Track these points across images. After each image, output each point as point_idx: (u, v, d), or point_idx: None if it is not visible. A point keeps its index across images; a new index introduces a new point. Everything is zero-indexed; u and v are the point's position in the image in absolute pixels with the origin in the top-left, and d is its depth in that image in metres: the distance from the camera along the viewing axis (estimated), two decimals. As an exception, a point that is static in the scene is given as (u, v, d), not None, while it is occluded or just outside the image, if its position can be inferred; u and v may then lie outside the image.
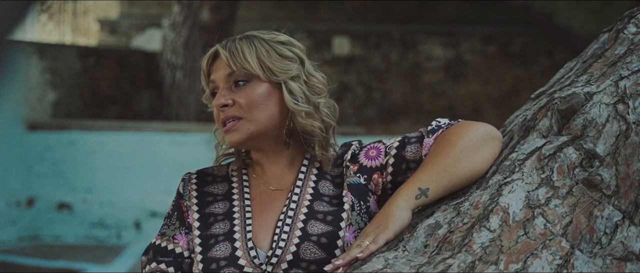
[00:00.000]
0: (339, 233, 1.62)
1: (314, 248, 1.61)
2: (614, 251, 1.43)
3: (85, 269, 5.68)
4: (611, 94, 1.58)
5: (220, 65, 1.72)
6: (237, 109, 1.68)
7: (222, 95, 1.69)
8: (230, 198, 1.74)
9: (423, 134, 1.69)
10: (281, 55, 1.71)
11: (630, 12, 1.76)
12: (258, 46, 1.70)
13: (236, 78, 1.69)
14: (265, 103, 1.69)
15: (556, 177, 1.50)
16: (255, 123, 1.68)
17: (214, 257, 1.64)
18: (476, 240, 1.40)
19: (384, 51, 10.14)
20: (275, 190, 1.73)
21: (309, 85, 1.72)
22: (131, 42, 10.16)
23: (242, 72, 1.68)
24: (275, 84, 1.69)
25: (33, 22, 8.47)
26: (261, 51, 1.70)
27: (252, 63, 1.68)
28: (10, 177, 6.48)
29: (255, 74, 1.68)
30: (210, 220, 1.71)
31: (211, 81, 1.73)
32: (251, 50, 1.70)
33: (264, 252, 1.64)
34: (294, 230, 1.64)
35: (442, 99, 10.21)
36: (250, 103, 1.67)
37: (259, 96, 1.68)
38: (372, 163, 1.71)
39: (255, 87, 1.69)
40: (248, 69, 1.68)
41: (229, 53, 1.70)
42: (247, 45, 1.70)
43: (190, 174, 1.81)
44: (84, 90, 7.68)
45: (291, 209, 1.68)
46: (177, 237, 1.73)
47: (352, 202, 1.67)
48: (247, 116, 1.68)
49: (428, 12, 10.27)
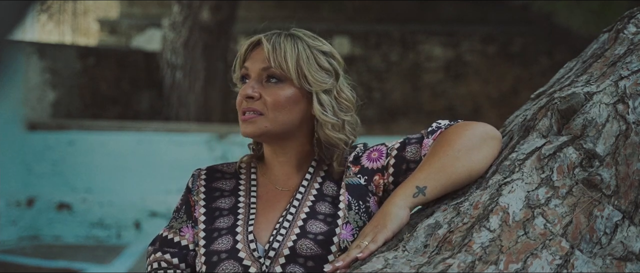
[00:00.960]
0: (335, 230, 1.63)
1: (310, 244, 1.62)
2: (614, 251, 1.43)
3: (85, 269, 5.68)
4: (611, 94, 1.58)
5: (259, 56, 1.71)
6: (261, 104, 1.68)
7: (251, 86, 1.69)
8: (236, 194, 1.76)
9: (423, 135, 1.70)
10: (320, 66, 1.71)
11: (630, 12, 1.76)
12: (301, 50, 1.69)
13: (270, 74, 1.69)
14: (290, 107, 1.69)
15: (556, 177, 1.50)
16: (274, 123, 1.69)
17: (215, 250, 1.67)
18: (476, 240, 1.40)
19: (384, 51, 10.14)
20: (281, 190, 1.75)
21: (338, 100, 1.73)
22: (131, 42, 10.16)
23: (278, 71, 1.68)
24: (306, 91, 1.70)
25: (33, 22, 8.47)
26: (302, 56, 1.69)
27: (291, 66, 1.68)
28: (10, 177, 6.48)
29: (289, 77, 1.68)
30: (216, 215, 1.73)
31: (244, 67, 1.72)
32: (293, 52, 1.69)
33: (263, 246, 1.66)
34: (293, 227, 1.66)
35: (442, 99, 10.21)
36: (275, 103, 1.68)
37: (286, 99, 1.69)
38: (373, 165, 1.72)
39: (285, 89, 1.69)
40: (285, 70, 1.68)
41: (272, 48, 1.68)
42: (291, 46, 1.69)
43: (200, 170, 1.82)
44: (84, 90, 7.68)
45: (294, 206, 1.70)
46: (184, 230, 1.76)
47: (348, 201, 1.68)
48: (268, 114, 1.68)
49: (428, 12, 10.27)
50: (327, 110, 1.70)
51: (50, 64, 7.23)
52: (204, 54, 8.15)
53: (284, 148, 1.74)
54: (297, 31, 1.74)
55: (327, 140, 1.71)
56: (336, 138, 1.71)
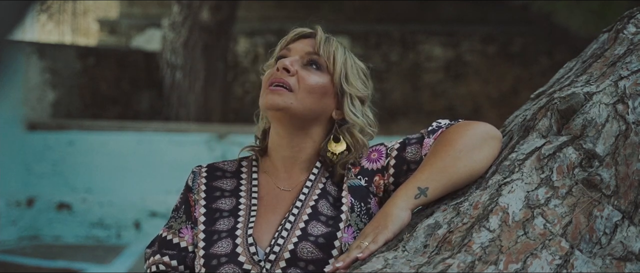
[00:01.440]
0: (337, 234, 1.63)
1: (310, 248, 1.61)
2: (614, 251, 1.43)
3: (85, 269, 5.68)
4: (611, 94, 1.58)
5: (305, 43, 1.74)
6: (294, 81, 1.69)
7: (290, 62, 1.70)
8: (237, 195, 1.74)
9: (423, 135, 1.70)
10: (358, 76, 1.76)
11: (630, 12, 1.76)
12: (347, 54, 1.75)
13: (313, 59, 1.72)
14: (319, 95, 1.70)
15: (556, 177, 1.50)
16: (300, 103, 1.68)
17: (215, 253, 1.65)
18: (476, 240, 1.40)
19: (384, 51, 10.14)
20: (283, 190, 1.73)
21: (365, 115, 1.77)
22: (131, 42, 10.16)
23: (324, 60, 1.71)
24: (337, 91, 1.72)
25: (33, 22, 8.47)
26: (348, 60, 1.74)
27: (338, 60, 1.71)
28: (10, 177, 6.48)
29: (331, 70, 1.71)
30: (216, 216, 1.71)
31: (287, 49, 1.74)
32: (342, 53, 1.74)
33: (263, 250, 1.64)
34: (294, 229, 1.65)
35: (442, 99, 10.21)
36: (309, 86, 1.69)
37: (320, 86, 1.70)
38: (373, 165, 1.71)
39: (322, 77, 1.71)
40: (331, 62, 1.71)
41: (325, 39, 1.73)
42: (340, 48, 1.74)
43: (201, 167, 1.80)
44: (84, 90, 7.68)
45: (296, 208, 1.68)
46: (183, 231, 1.74)
47: (351, 204, 1.67)
48: (298, 93, 1.68)
49: (428, 12, 10.26)
50: (358, 113, 1.73)
51: (50, 64, 7.23)
52: (204, 54, 8.15)
53: (292, 139, 1.72)
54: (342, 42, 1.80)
55: (353, 141, 1.72)
56: (362, 140, 1.73)
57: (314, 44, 1.73)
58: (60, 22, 9.90)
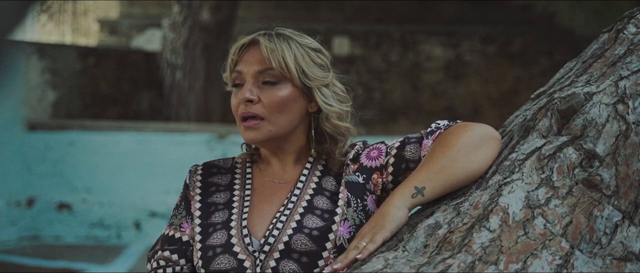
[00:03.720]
0: (332, 227, 1.63)
1: (304, 240, 1.62)
2: (614, 251, 1.43)
3: (85, 269, 5.68)
4: (611, 94, 1.58)
5: (252, 58, 1.70)
6: (260, 108, 1.68)
7: (249, 90, 1.68)
8: (231, 189, 1.77)
9: (422, 136, 1.70)
10: (315, 63, 1.72)
11: (630, 12, 1.76)
12: (294, 48, 1.70)
13: (267, 77, 1.69)
14: (289, 107, 1.70)
15: (556, 177, 1.50)
16: (276, 126, 1.69)
17: (210, 245, 1.67)
18: (476, 240, 1.40)
19: (384, 51, 10.14)
20: (278, 183, 1.75)
21: (335, 93, 1.75)
22: (131, 42, 10.16)
23: (278, 71, 1.67)
24: (303, 89, 1.70)
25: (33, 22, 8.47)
26: (299, 54, 1.70)
27: (291, 64, 1.68)
28: (10, 177, 6.47)
29: (288, 76, 1.68)
30: (211, 210, 1.74)
31: (237, 71, 1.71)
32: (290, 51, 1.69)
33: (257, 241, 1.66)
34: (289, 221, 1.66)
35: (442, 99, 10.21)
36: (276, 105, 1.68)
37: (285, 100, 1.69)
38: (372, 163, 1.72)
39: (283, 90, 1.69)
40: (285, 70, 1.67)
41: (270, 48, 1.67)
42: (286, 46, 1.69)
43: (197, 166, 1.83)
44: (84, 90, 7.68)
45: (291, 201, 1.70)
46: (184, 225, 1.77)
47: (347, 198, 1.68)
48: (269, 118, 1.68)
49: (428, 12, 10.27)
50: (331, 101, 1.72)
51: (50, 64, 7.23)
52: (204, 54, 8.15)
53: (282, 148, 1.75)
54: (283, 31, 1.73)
55: (335, 130, 1.73)
56: (343, 126, 1.73)
57: (260, 56, 1.68)
58: (60, 22, 9.90)
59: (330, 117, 1.72)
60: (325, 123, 1.73)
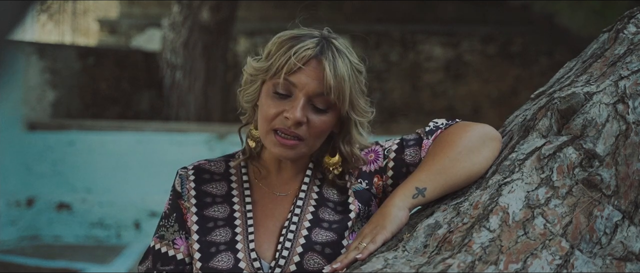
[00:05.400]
0: (342, 243, 1.61)
1: (317, 258, 1.59)
2: (614, 251, 1.43)
3: (85, 269, 5.68)
4: (611, 93, 1.58)
5: (313, 74, 1.57)
6: (304, 131, 1.59)
7: (301, 111, 1.57)
8: (230, 201, 1.68)
9: (421, 136, 1.68)
10: (361, 91, 1.65)
11: (630, 12, 1.76)
12: (351, 75, 1.59)
13: (319, 103, 1.59)
14: (328, 131, 1.64)
15: (556, 177, 1.50)
16: (311, 148, 1.64)
17: (215, 268, 1.59)
18: (476, 240, 1.40)
19: (384, 51, 10.14)
20: (279, 195, 1.69)
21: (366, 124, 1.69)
22: (131, 42, 10.16)
23: (334, 100, 1.58)
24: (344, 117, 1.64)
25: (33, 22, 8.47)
26: (354, 85, 1.61)
27: (346, 99, 1.59)
28: (10, 177, 6.47)
29: (340, 105, 1.60)
30: (210, 225, 1.65)
31: (289, 81, 1.57)
32: (348, 79, 1.59)
33: (267, 263, 1.60)
34: (297, 238, 1.61)
35: (442, 99, 10.21)
36: (320, 132, 1.62)
37: (328, 126, 1.62)
38: (371, 167, 1.70)
39: (330, 116, 1.61)
40: (341, 101, 1.59)
41: (333, 74, 1.56)
42: (346, 70, 1.58)
43: (187, 170, 1.72)
44: (83, 90, 7.67)
45: (296, 215, 1.65)
46: (177, 241, 1.66)
47: (359, 210, 1.65)
48: (309, 141, 1.61)
49: (428, 12, 10.26)
50: (363, 133, 1.67)
51: (50, 64, 7.22)
52: (204, 54, 8.15)
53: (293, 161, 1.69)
54: (337, 43, 1.63)
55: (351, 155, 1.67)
56: (358, 155, 1.68)
57: (320, 76, 1.56)
58: (60, 22, 9.90)
59: (354, 145, 1.66)
60: (345, 146, 1.66)
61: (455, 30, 10.14)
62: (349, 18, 10.19)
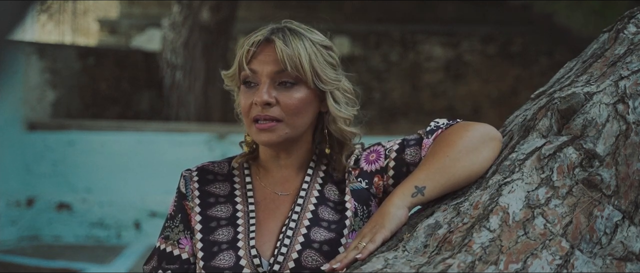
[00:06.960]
0: (341, 241, 1.61)
1: (315, 256, 1.59)
2: (614, 251, 1.43)
3: (85, 269, 5.68)
4: (611, 93, 1.58)
5: (268, 57, 1.62)
6: (278, 111, 1.62)
7: (267, 92, 1.61)
8: (233, 201, 1.70)
9: (422, 136, 1.68)
10: (327, 63, 1.67)
11: (630, 12, 1.76)
12: (308, 48, 1.63)
13: (283, 78, 1.62)
14: (306, 109, 1.65)
15: (556, 177, 1.50)
16: (293, 128, 1.64)
17: (217, 267, 1.61)
18: (476, 240, 1.40)
19: (384, 51, 10.14)
20: (281, 194, 1.70)
21: (345, 95, 1.70)
22: (131, 42, 10.16)
23: (294, 73, 1.61)
24: (317, 90, 1.65)
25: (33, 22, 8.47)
26: (312, 55, 1.63)
27: (306, 67, 1.61)
28: (10, 177, 6.48)
29: (303, 78, 1.62)
30: (213, 225, 1.67)
31: (250, 70, 1.63)
32: (305, 52, 1.62)
33: (266, 260, 1.62)
34: (296, 236, 1.62)
35: (442, 99, 10.21)
36: (294, 108, 1.62)
37: (303, 102, 1.63)
38: (371, 167, 1.70)
39: (299, 92, 1.63)
40: (301, 73, 1.61)
41: (286, 49, 1.60)
42: (301, 46, 1.62)
43: (191, 171, 1.74)
44: (83, 90, 7.68)
45: (296, 213, 1.66)
46: (183, 241, 1.68)
47: (355, 208, 1.65)
48: (287, 120, 1.63)
49: (428, 12, 10.27)
50: (341, 106, 1.68)
51: (50, 64, 7.23)
52: (204, 54, 8.15)
53: (289, 151, 1.70)
54: (294, 25, 1.67)
55: (341, 134, 1.69)
56: (349, 132, 1.69)
57: (275, 56, 1.61)
58: (60, 22, 9.90)
59: (338, 121, 1.67)
60: (332, 125, 1.68)
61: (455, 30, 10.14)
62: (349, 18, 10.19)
